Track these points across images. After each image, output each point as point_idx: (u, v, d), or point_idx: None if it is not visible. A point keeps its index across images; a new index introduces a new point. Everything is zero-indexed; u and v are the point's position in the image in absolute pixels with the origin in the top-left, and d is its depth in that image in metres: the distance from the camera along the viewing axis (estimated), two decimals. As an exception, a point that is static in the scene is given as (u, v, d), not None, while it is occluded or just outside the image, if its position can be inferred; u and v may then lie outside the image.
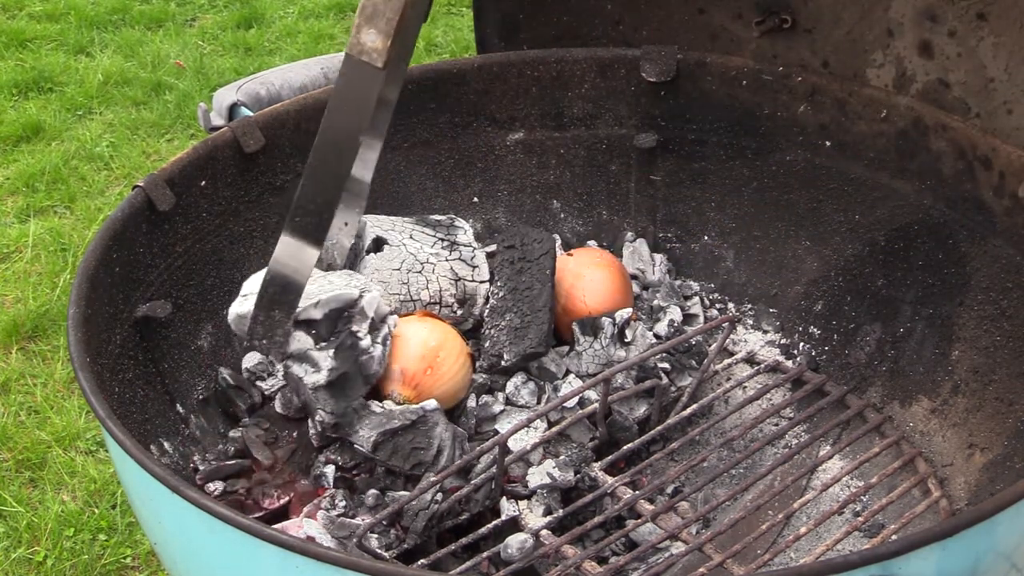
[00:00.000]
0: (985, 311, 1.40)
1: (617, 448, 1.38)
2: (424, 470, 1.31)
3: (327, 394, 1.30)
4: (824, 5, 1.57)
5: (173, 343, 1.43)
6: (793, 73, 1.58)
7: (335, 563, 0.94)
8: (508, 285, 1.48)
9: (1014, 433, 1.32)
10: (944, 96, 1.50)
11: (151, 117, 3.20)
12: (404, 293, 1.47)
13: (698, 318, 1.61)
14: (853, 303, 1.55)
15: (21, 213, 2.77)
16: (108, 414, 1.10)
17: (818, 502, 1.39)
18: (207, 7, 3.92)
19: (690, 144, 1.66)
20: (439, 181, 1.70)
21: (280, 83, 1.63)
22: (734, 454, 1.45)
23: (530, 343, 1.41)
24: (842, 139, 1.55)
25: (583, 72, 1.67)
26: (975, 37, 1.44)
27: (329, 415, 1.30)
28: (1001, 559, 1.02)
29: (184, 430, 1.39)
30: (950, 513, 1.32)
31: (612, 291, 1.52)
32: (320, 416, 1.30)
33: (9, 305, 2.45)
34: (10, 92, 3.32)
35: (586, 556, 1.23)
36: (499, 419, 1.41)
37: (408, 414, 1.31)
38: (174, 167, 1.45)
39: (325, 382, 1.30)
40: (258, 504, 1.33)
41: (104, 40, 3.66)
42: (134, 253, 1.38)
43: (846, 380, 1.52)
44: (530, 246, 1.51)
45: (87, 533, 1.91)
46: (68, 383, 2.24)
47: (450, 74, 1.67)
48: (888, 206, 1.51)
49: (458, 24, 3.70)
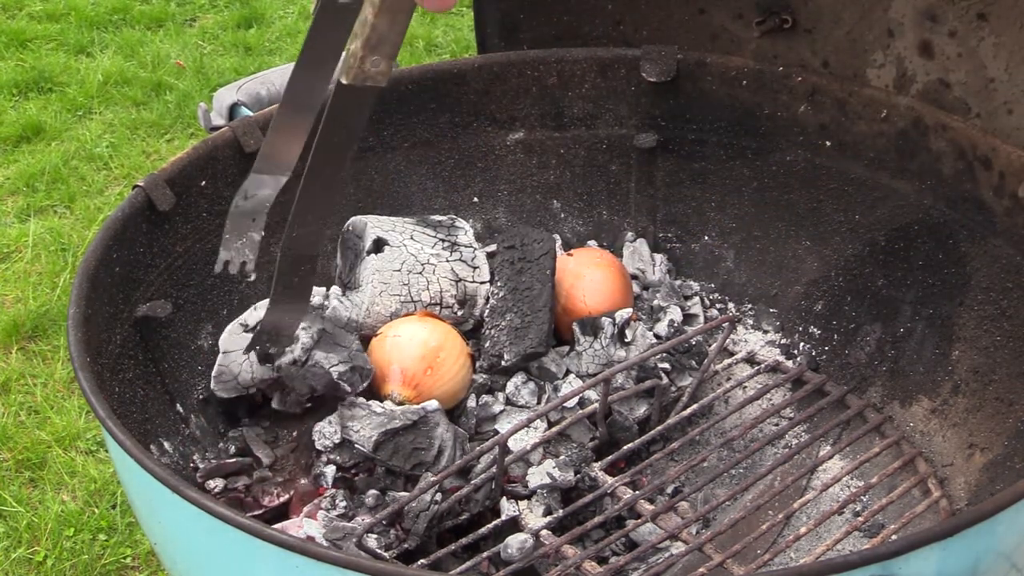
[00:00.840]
0: (985, 311, 1.40)
1: (617, 448, 1.38)
2: (425, 470, 1.31)
3: (324, 353, 1.32)
4: (824, 5, 1.57)
5: (173, 343, 1.43)
6: (793, 73, 1.58)
7: (335, 563, 0.94)
8: (508, 285, 1.48)
9: (1014, 433, 1.32)
10: (944, 96, 1.50)
11: (151, 117, 3.20)
12: (405, 294, 1.47)
13: (698, 318, 1.61)
14: (853, 303, 1.55)
15: (21, 213, 2.77)
16: (108, 414, 1.10)
17: (818, 502, 1.39)
18: (207, 7, 3.92)
19: (690, 144, 1.66)
20: (439, 181, 1.70)
21: (280, 83, 1.63)
22: (734, 454, 1.45)
23: (531, 343, 1.41)
24: (842, 139, 1.55)
25: (583, 72, 1.67)
26: (975, 37, 1.44)
27: (343, 371, 1.33)
28: (1001, 559, 1.02)
29: (184, 430, 1.39)
30: (950, 513, 1.32)
31: (612, 291, 1.52)
32: (339, 377, 1.33)
33: (9, 305, 2.45)
34: (10, 92, 3.32)
35: (586, 556, 1.23)
36: (499, 419, 1.41)
37: (409, 414, 1.31)
38: (174, 167, 1.45)
39: (313, 343, 1.33)
40: (258, 502, 1.33)
41: (104, 40, 3.66)
42: (134, 253, 1.38)
43: (846, 380, 1.52)
44: (530, 246, 1.51)
45: (87, 533, 1.91)
46: (68, 383, 2.24)
47: (450, 74, 1.67)
48: (888, 206, 1.51)
49: (458, 24, 3.70)
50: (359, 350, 1.37)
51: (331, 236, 1.60)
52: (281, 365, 1.34)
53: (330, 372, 1.34)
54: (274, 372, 1.35)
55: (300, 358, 1.34)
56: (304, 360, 1.34)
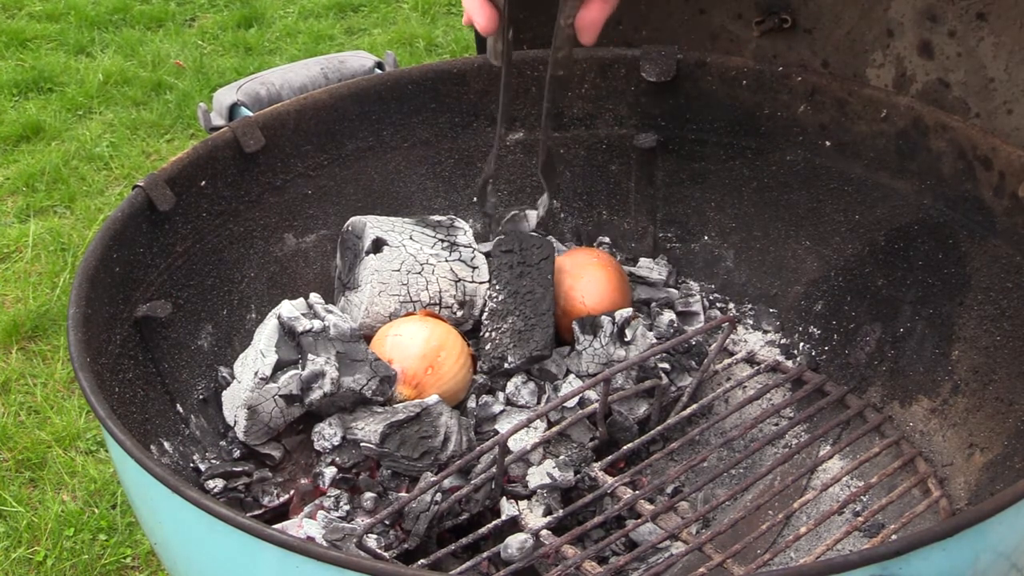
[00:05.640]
0: (985, 311, 1.40)
1: (617, 448, 1.38)
2: (433, 457, 1.31)
3: (350, 376, 1.33)
4: (824, 5, 1.57)
5: (173, 343, 1.43)
6: (793, 73, 1.58)
7: (335, 563, 0.94)
8: (508, 288, 1.48)
9: (1014, 433, 1.32)
10: (944, 96, 1.50)
11: (151, 117, 3.20)
12: (404, 294, 1.47)
13: (698, 318, 1.61)
14: (853, 303, 1.55)
15: (21, 213, 2.77)
16: (108, 414, 1.10)
17: (818, 502, 1.39)
18: (207, 7, 3.92)
19: (690, 144, 1.66)
20: (439, 181, 1.70)
21: (280, 83, 1.63)
22: (734, 454, 1.45)
23: (535, 345, 1.41)
24: (842, 139, 1.55)
25: (583, 72, 1.67)
26: (975, 37, 1.44)
27: (373, 387, 1.34)
28: (1001, 559, 1.02)
29: (184, 430, 1.39)
30: (950, 513, 1.32)
31: (611, 291, 1.52)
32: (372, 394, 1.35)
33: (9, 305, 2.45)
34: (10, 92, 3.32)
35: (586, 556, 1.23)
36: (499, 419, 1.41)
37: (411, 407, 1.32)
38: (174, 167, 1.45)
39: (337, 371, 1.33)
40: (258, 502, 1.33)
41: (104, 40, 3.66)
42: (134, 253, 1.38)
43: (846, 380, 1.52)
44: (529, 251, 1.51)
45: (87, 533, 1.91)
46: (68, 383, 2.24)
47: (450, 74, 1.67)
48: (888, 206, 1.52)
49: (458, 24, 3.70)
50: (375, 358, 1.36)
51: (331, 236, 1.61)
52: (312, 401, 1.33)
53: (361, 392, 1.34)
54: (304, 408, 1.35)
55: (331, 391, 1.33)
56: (335, 391, 1.33)
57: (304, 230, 1.60)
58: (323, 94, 1.59)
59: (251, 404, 1.33)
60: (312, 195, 1.60)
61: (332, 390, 1.33)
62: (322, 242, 1.61)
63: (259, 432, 1.36)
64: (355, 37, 3.66)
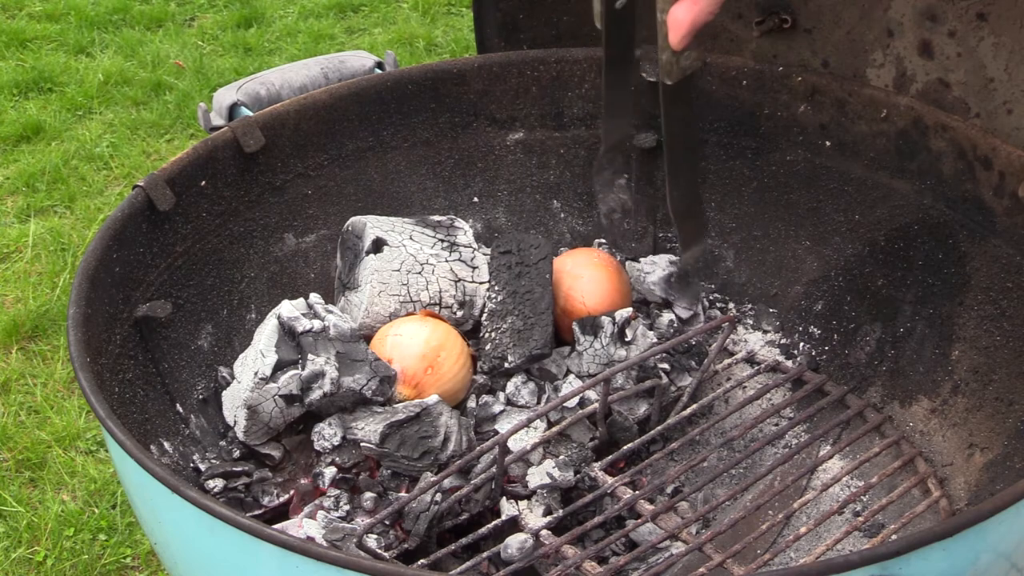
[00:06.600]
0: (985, 311, 1.40)
1: (617, 448, 1.38)
2: (433, 457, 1.31)
3: (350, 376, 1.33)
4: (824, 5, 1.57)
5: (173, 343, 1.43)
6: (793, 73, 1.58)
7: (335, 563, 0.94)
8: (507, 289, 1.48)
9: (1014, 433, 1.32)
10: (944, 96, 1.50)
11: (151, 117, 3.20)
12: (404, 294, 1.47)
13: (698, 318, 1.61)
14: (853, 303, 1.55)
15: (21, 213, 2.77)
16: (108, 414, 1.10)
17: (818, 502, 1.39)
18: (207, 7, 3.92)
19: (690, 144, 1.66)
20: (439, 181, 1.70)
21: (280, 83, 1.63)
22: (734, 454, 1.45)
23: (535, 344, 1.41)
24: (842, 139, 1.55)
25: (583, 72, 1.67)
26: (975, 37, 1.44)
27: (374, 387, 1.34)
28: (1001, 559, 1.02)
29: (184, 430, 1.39)
30: (950, 513, 1.32)
31: (610, 291, 1.52)
32: (372, 394, 1.34)
33: (9, 305, 2.45)
34: (10, 92, 3.32)
35: (586, 556, 1.23)
36: (499, 419, 1.41)
37: (411, 407, 1.32)
38: (174, 167, 1.45)
39: (337, 371, 1.32)
40: (258, 502, 1.33)
41: (104, 40, 3.66)
42: (134, 253, 1.38)
43: (846, 380, 1.52)
44: (527, 251, 1.51)
45: (87, 533, 1.91)
46: (68, 383, 2.24)
47: (450, 74, 1.67)
48: (888, 206, 1.51)
49: (458, 24, 3.70)
50: (375, 358, 1.36)
51: (331, 236, 1.61)
52: (312, 401, 1.33)
53: (362, 392, 1.34)
54: (304, 408, 1.35)
55: (331, 391, 1.33)
56: (335, 391, 1.33)
57: (304, 230, 1.60)
58: (323, 94, 1.59)
59: (251, 404, 1.33)
60: (312, 195, 1.60)
61: (332, 390, 1.33)
62: (322, 242, 1.61)
63: (259, 432, 1.36)
64: (355, 37, 3.66)
